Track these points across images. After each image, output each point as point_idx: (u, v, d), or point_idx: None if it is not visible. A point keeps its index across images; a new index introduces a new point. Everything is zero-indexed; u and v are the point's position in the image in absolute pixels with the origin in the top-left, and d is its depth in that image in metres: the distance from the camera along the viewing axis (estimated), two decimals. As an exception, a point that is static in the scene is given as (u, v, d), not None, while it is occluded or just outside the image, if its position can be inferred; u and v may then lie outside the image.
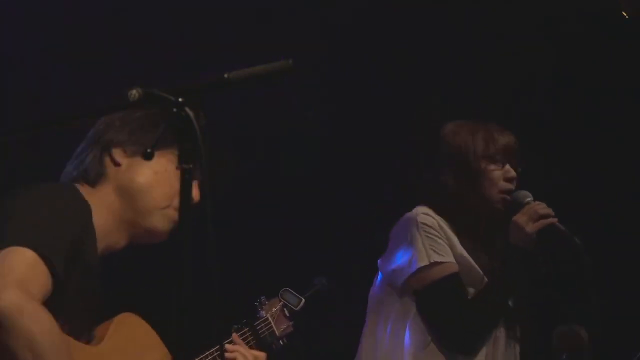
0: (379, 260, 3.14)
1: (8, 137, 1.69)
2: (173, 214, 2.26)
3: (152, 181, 2.29)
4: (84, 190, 2.27)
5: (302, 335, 3.12)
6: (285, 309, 3.00)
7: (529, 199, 3.06)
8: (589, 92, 4.77)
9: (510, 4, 4.80)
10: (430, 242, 2.95)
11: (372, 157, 4.93)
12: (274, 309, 2.98)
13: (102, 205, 2.26)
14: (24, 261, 1.97)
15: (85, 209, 2.18)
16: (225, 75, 1.58)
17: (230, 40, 4.70)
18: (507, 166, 3.08)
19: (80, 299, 2.15)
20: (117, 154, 2.30)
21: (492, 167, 3.05)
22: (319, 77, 4.88)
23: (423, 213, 3.00)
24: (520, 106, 4.86)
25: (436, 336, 2.94)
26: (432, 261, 2.93)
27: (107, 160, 2.30)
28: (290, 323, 3.00)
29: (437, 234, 2.97)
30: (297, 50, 4.65)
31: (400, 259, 2.99)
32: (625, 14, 3.99)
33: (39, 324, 1.94)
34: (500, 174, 3.06)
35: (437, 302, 2.94)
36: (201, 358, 2.65)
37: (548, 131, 4.86)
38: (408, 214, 3.05)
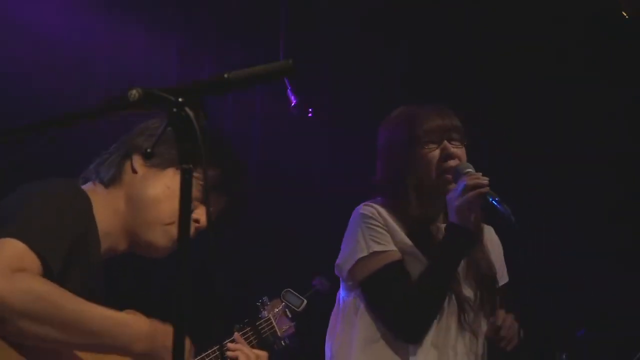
0: None
1: (9, 137, 1.69)
2: (175, 232, 2.25)
3: (162, 195, 2.27)
4: (96, 189, 2.27)
5: (303, 336, 3.13)
6: (287, 309, 3.01)
7: (468, 169, 2.87)
8: (588, 92, 4.78)
9: (510, 4, 4.81)
10: (371, 232, 2.89)
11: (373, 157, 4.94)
12: (276, 310, 2.98)
13: (110, 207, 2.26)
14: (11, 251, 1.96)
15: (86, 207, 2.18)
16: (225, 75, 1.58)
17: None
18: (445, 143, 2.92)
19: (81, 295, 2.14)
20: (137, 161, 2.29)
21: (425, 150, 2.91)
22: (319, 78, 4.89)
23: (364, 205, 2.96)
24: (518, 106, 4.87)
25: (385, 328, 2.89)
26: (371, 251, 2.87)
27: (127, 165, 2.30)
28: (292, 324, 3.00)
29: (377, 223, 2.90)
30: (297, 51, 4.68)
31: (342, 254, 2.96)
32: (625, 14, 4.00)
33: (32, 294, 1.93)
34: (436, 154, 2.91)
35: (379, 291, 2.88)
36: (203, 356, 2.66)
37: (546, 131, 4.87)
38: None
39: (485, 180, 2.80)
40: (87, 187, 2.27)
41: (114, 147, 2.35)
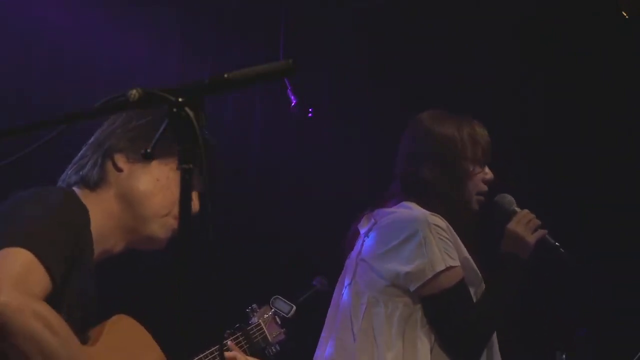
0: (366, 256, 3.01)
1: (7, 137, 1.69)
2: (172, 222, 2.28)
3: (153, 189, 2.29)
4: (83, 194, 2.27)
5: (300, 336, 3.12)
6: (276, 316, 3.00)
7: (514, 205, 3.08)
8: (587, 93, 4.78)
9: (508, 4, 4.80)
10: (444, 245, 2.89)
11: (375, 158, 4.94)
12: (266, 316, 2.98)
13: (101, 210, 2.26)
14: (21, 262, 1.96)
15: (84, 214, 2.18)
16: (225, 75, 1.58)
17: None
18: (487, 168, 3.07)
19: (78, 303, 2.15)
20: (120, 160, 2.30)
21: (477, 169, 3.04)
22: (317, 76, 4.90)
23: (431, 214, 2.93)
24: (516, 106, 4.87)
25: (441, 340, 2.91)
26: (447, 265, 2.86)
27: (109, 165, 2.30)
28: (282, 330, 2.99)
29: (447, 236, 2.91)
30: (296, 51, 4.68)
31: (415, 262, 2.87)
32: (625, 14, 3.99)
33: (42, 321, 1.94)
34: (481, 176, 3.05)
35: (449, 309, 2.89)
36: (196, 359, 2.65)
37: (544, 132, 4.87)
38: (411, 213, 2.95)
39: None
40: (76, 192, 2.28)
41: (86, 149, 2.35)
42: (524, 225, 3.01)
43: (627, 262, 4.50)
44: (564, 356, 3.67)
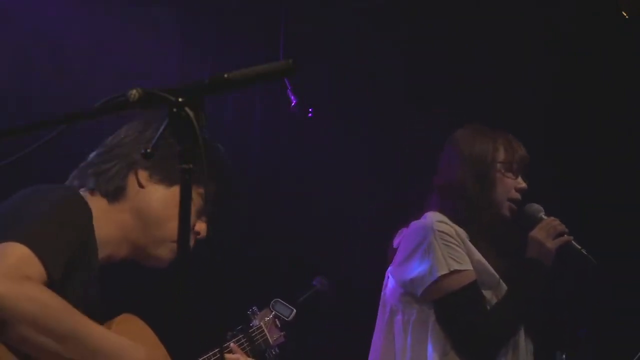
0: (390, 268, 3.13)
1: (8, 137, 1.69)
2: None
3: (171, 214, 2.26)
4: (95, 199, 2.26)
5: (299, 337, 3.12)
6: (276, 319, 3.00)
7: (542, 213, 3.14)
8: (587, 93, 4.77)
9: (508, 4, 4.80)
10: (449, 250, 2.95)
11: (375, 158, 4.94)
12: (267, 318, 2.99)
13: (112, 219, 2.26)
14: (16, 254, 1.96)
15: (86, 215, 2.17)
16: (225, 75, 1.58)
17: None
18: (520, 178, 3.14)
19: (81, 303, 2.15)
20: (143, 176, 2.29)
21: (509, 175, 3.11)
22: (321, 76, 4.89)
23: (438, 221, 3.01)
24: (518, 108, 4.86)
25: (455, 344, 2.96)
26: (451, 269, 2.93)
27: (131, 179, 2.29)
28: (282, 333, 3.00)
29: (454, 241, 2.98)
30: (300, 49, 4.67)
31: (419, 268, 2.97)
32: (625, 14, 3.99)
33: (37, 302, 1.94)
34: (513, 184, 3.12)
35: (457, 311, 2.96)
36: None
37: (546, 134, 4.86)
38: (422, 222, 3.05)
39: (565, 227, 3.11)
40: (85, 194, 2.27)
41: (102, 154, 2.32)
42: (546, 231, 3.08)
43: (627, 262, 4.49)
44: (564, 356, 3.67)
